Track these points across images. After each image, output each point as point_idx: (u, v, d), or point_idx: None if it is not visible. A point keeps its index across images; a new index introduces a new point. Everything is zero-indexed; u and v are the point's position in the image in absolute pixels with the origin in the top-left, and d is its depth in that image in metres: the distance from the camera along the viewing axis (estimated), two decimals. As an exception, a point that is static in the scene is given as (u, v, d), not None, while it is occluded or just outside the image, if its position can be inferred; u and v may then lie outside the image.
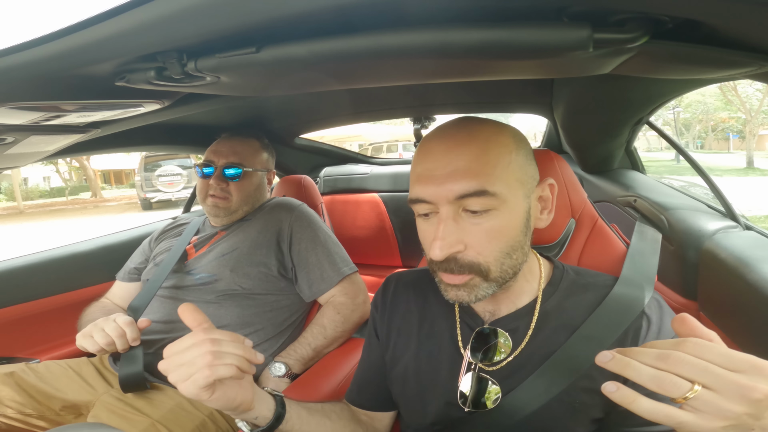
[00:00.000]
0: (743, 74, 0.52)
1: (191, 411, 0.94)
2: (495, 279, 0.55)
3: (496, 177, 0.52)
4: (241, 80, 0.56)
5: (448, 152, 0.53)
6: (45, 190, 21.60)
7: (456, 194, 0.51)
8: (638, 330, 0.57)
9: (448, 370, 0.63)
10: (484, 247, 0.53)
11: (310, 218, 1.19)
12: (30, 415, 0.96)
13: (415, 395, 0.66)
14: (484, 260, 0.53)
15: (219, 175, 1.16)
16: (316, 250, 1.13)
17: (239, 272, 1.08)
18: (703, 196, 1.16)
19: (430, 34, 0.41)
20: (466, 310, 0.65)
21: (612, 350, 0.42)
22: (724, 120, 19.63)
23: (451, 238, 0.52)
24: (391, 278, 0.76)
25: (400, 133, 13.75)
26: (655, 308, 0.59)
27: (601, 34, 0.39)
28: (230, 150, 1.19)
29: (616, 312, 0.58)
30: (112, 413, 0.91)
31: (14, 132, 0.70)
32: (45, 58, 0.44)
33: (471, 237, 0.53)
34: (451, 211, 0.52)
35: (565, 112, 1.28)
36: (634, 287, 0.61)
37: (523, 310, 0.61)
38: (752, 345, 0.77)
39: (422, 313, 0.69)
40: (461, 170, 0.52)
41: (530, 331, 0.60)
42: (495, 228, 0.53)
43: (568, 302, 0.61)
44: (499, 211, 0.52)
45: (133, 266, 1.27)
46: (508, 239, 0.54)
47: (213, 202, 1.16)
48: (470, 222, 0.53)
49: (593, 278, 0.64)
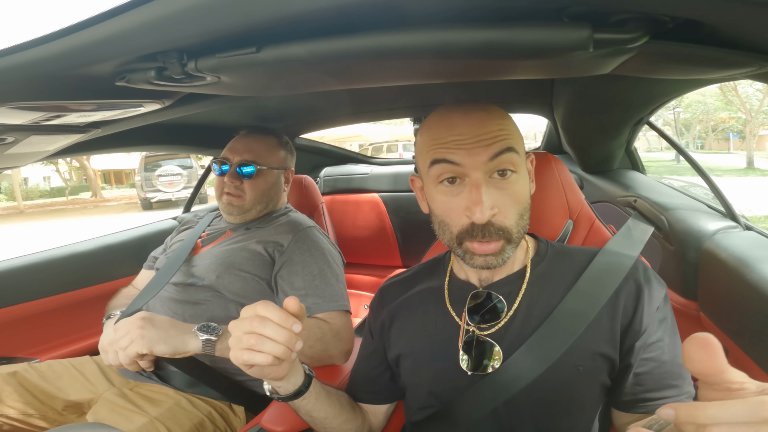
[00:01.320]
0: (743, 74, 0.52)
1: (190, 410, 0.94)
2: (515, 241, 0.59)
3: (517, 139, 0.59)
4: (242, 80, 0.56)
5: (475, 123, 0.58)
6: (45, 190, 21.60)
7: (493, 153, 0.56)
8: (629, 291, 0.60)
9: (446, 340, 0.65)
10: (509, 210, 0.58)
11: (311, 244, 1.09)
12: (32, 415, 0.96)
13: (415, 370, 0.67)
14: (509, 224, 0.58)
15: (233, 173, 1.15)
16: (304, 277, 1.03)
17: (225, 279, 1.05)
18: (703, 196, 1.16)
19: (430, 34, 0.41)
20: (455, 283, 0.68)
21: None
22: (725, 120, 19.62)
23: (489, 201, 0.56)
24: (384, 284, 0.80)
25: (400, 133, 13.76)
26: (641, 270, 0.62)
27: (601, 34, 0.39)
28: (245, 147, 1.17)
29: (600, 277, 0.61)
30: (112, 411, 0.91)
31: (14, 132, 0.70)
32: (45, 58, 0.44)
33: (500, 201, 0.57)
34: (483, 177, 0.56)
35: (565, 113, 1.28)
36: (617, 256, 0.64)
37: (513, 276, 0.65)
38: (752, 345, 0.77)
39: (416, 301, 0.71)
40: (491, 134, 0.57)
41: (522, 291, 0.63)
42: (516, 191, 0.58)
43: (555, 268, 0.65)
44: (518, 175, 0.58)
45: (155, 254, 1.28)
46: (522, 201, 0.59)
47: (227, 199, 1.15)
48: (496, 187, 0.57)
49: (578, 250, 0.69)
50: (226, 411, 1.00)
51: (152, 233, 1.63)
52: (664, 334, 0.59)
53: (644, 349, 0.58)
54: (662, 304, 0.60)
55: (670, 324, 0.60)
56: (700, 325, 0.91)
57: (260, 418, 0.85)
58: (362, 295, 1.92)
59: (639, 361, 0.58)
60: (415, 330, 0.69)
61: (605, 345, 0.58)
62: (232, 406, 1.01)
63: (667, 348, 0.59)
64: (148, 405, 0.93)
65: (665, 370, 0.58)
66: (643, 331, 0.58)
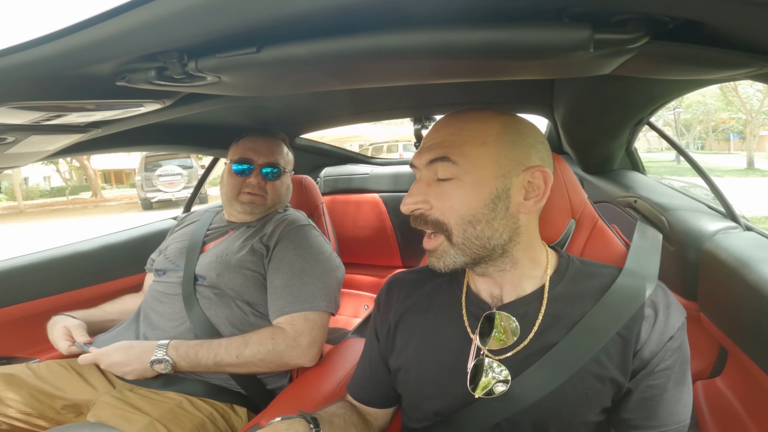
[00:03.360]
0: (744, 75, 0.52)
1: (191, 411, 0.94)
2: (459, 245, 0.60)
3: (462, 151, 0.60)
4: (242, 80, 0.56)
5: (435, 130, 0.64)
6: (45, 189, 21.60)
7: (427, 159, 0.61)
8: (646, 318, 0.59)
9: (455, 357, 0.64)
10: (446, 209, 0.60)
11: (299, 242, 1.10)
12: (30, 414, 0.96)
13: (418, 384, 0.66)
14: (447, 221, 0.60)
15: (259, 173, 1.19)
16: (284, 275, 1.04)
17: (225, 277, 1.06)
18: (703, 196, 1.16)
19: (430, 34, 0.41)
20: (471, 299, 0.67)
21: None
22: (725, 121, 19.62)
23: (417, 196, 0.61)
24: (393, 278, 0.77)
25: (400, 134, 13.76)
26: (661, 297, 0.61)
27: (601, 34, 0.39)
28: (269, 149, 1.21)
29: (619, 302, 0.60)
30: (112, 412, 0.91)
31: (15, 132, 0.70)
32: (46, 58, 0.44)
33: (437, 200, 0.61)
34: (426, 176, 0.62)
35: (565, 113, 1.28)
36: (638, 279, 0.62)
37: (530, 296, 0.63)
38: (752, 345, 0.77)
39: (426, 305, 0.70)
40: (437, 143, 0.61)
41: (540, 316, 0.61)
42: (457, 195, 0.60)
43: (574, 289, 0.63)
44: (461, 181, 0.60)
45: (153, 257, 1.29)
46: (469, 208, 0.59)
47: (250, 198, 1.17)
48: (439, 188, 0.61)
49: (598, 268, 0.66)
50: (228, 412, 1.00)
51: (152, 233, 1.63)
52: (674, 363, 0.58)
53: (650, 376, 0.58)
54: (678, 333, 0.59)
55: (682, 355, 0.59)
56: (700, 326, 0.91)
57: (260, 417, 0.85)
58: (362, 295, 1.92)
59: (643, 387, 0.58)
60: (423, 340, 0.67)
61: (616, 370, 0.58)
62: (234, 407, 1.01)
63: (673, 379, 0.58)
64: (148, 406, 0.92)
65: (666, 398, 0.58)
66: (653, 357, 0.57)
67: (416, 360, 0.67)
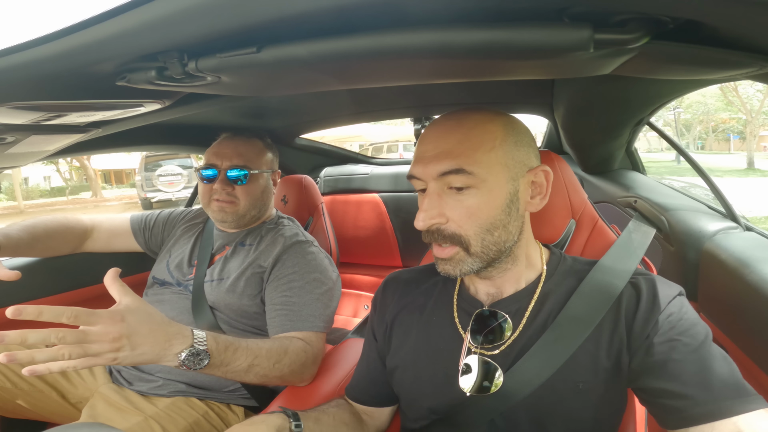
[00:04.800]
0: (744, 75, 0.52)
1: (186, 409, 0.94)
2: (477, 254, 0.59)
3: (475, 159, 0.57)
4: (242, 80, 0.56)
5: (437, 137, 0.60)
6: (45, 189, 21.60)
7: (438, 172, 0.57)
8: (629, 299, 0.59)
9: (448, 355, 0.64)
10: (464, 221, 0.58)
11: (297, 258, 1.05)
12: (26, 408, 0.97)
13: (414, 383, 0.67)
14: (465, 233, 0.58)
15: (224, 179, 1.09)
16: (283, 293, 1.00)
17: (221, 302, 1.04)
18: (703, 196, 1.16)
19: (430, 34, 0.41)
20: (464, 296, 0.67)
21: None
22: (725, 121, 19.62)
23: (433, 210, 0.58)
24: (389, 278, 0.78)
25: (400, 134, 13.76)
26: (644, 280, 0.60)
27: (601, 34, 0.39)
28: (234, 152, 1.11)
29: (591, 296, 0.60)
30: (109, 405, 0.91)
31: (15, 132, 0.70)
32: (46, 58, 0.44)
33: (453, 211, 0.58)
34: (437, 188, 0.59)
35: (565, 113, 1.28)
36: (610, 275, 0.62)
37: (522, 293, 0.64)
38: (752, 345, 0.77)
39: (421, 305, 0.70)
40: (445, 152, 0.58)
41: (528, 312, 0.62)
42: (474, 205, 0.58)
43: (562, 285, 0.64)
44: (478, 190, 0.57)
45: (142, 218, 1.30)
46: (487, 216, 0.58)
47: (219, 206, 1.09)
48: (453, 198, 0.58)
49: (583, 265, 0.66)
50: (224, 411, 1.00)
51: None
52: (678, 334, 0.54)
53: (650, 350, 0.55)
54: (671, 306, 0.56)
55: (684, 326, 0.55)
56: (700, 326, 0.91)
57: (260, 418, 0.85)
58: (362, 295, 1.92)
59: (649, 363, 0.55)
60: (418, 340, 0.68)
61: (608, 360, 0.57)
62: (230, 406, 1.01)
63: (680, 350, 0.54)
64: (144, 403, 0.93)
65: (683, 368, 0.53)
66: (646, 332, 0.55)
67: (411, 359, 0.67)
